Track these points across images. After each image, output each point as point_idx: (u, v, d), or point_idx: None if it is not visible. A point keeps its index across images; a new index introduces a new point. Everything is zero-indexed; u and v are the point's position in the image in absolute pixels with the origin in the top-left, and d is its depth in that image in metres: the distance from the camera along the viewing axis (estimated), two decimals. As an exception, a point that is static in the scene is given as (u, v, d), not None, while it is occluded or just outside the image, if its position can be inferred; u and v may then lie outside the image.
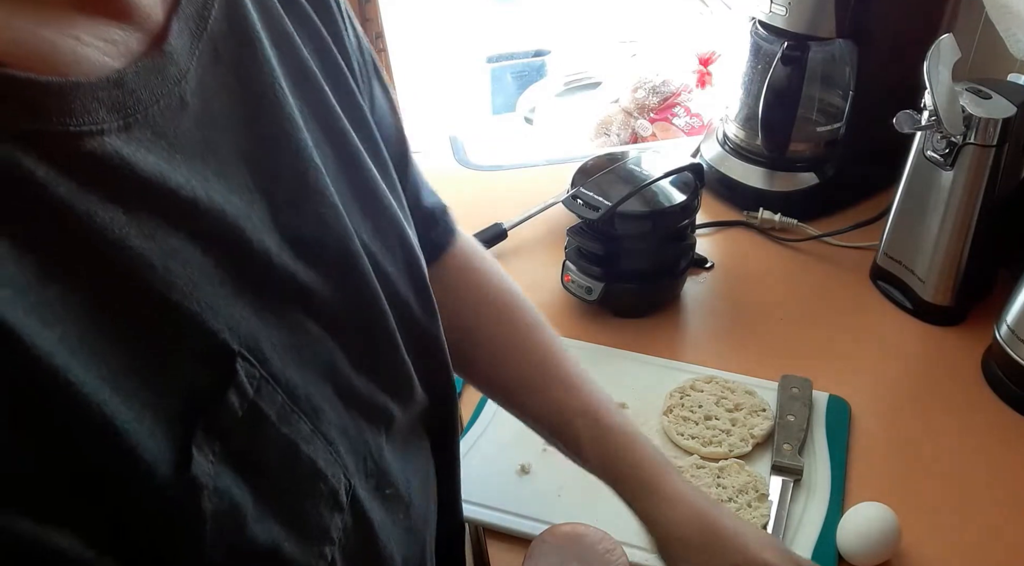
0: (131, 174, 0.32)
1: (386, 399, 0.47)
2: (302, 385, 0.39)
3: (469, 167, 1.25)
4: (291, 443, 0.37)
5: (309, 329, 0.40)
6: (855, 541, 0.70)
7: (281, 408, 0.37)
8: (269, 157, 0.39)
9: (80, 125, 0.31)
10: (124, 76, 0.33)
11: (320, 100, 0.44)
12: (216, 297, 0.35)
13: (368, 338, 0.45)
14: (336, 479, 0.40)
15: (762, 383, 0.87)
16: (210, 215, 0.35)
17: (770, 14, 1.02)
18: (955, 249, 0.91)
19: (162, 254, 0.33)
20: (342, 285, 0.43)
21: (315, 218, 0.41)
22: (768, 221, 1.10)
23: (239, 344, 0.35)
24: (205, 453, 0.33)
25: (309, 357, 0.40)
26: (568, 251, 0.97)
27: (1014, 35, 0.90)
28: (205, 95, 0.36)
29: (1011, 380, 0.85)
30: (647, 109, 1.35)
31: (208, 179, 0.36)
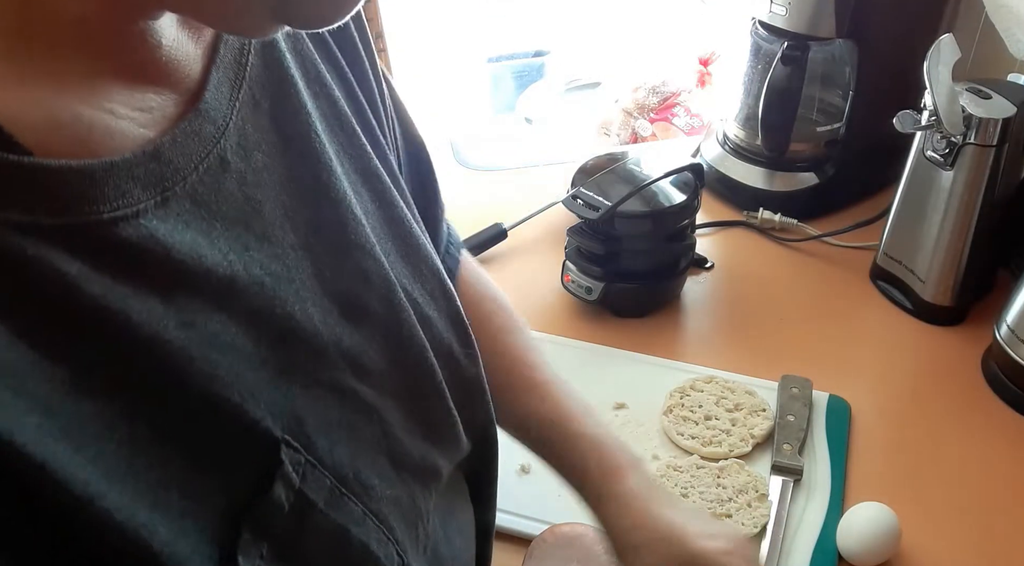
0: (167, 257, 0.31)
1: (436, 456, 0.45)
2: (351, 462, 0.37)
3: (469, 167, 1.25)
4: (341, 528, 0.36)
5: (360, 396, 0.39)
6: (855, 541, 0.70)
7: (330, 492, 0.35)
8: (310, 209, 0.38)
9: (114, 210, 0.29)
10: (160, 147, 0.31)
11: (354, 142, 0.42)
12: (258, 382, 0.33)
13: (418, 394, 0.43)
14: (389, 559, 0.38)
15: (762, 383, 0.86)
16: (249, 291, 0.34)
17: (770, 14, 1.02)
18: (955, 249, 0.91)
19: (202, 343, 0.31)
20: (389, 341, 0.41)
21: (358, 273, 0.40)
22: (768, 221, 1.10)
23: (283, 430, 0.34)
24: (252, 558, 0.31)
25: (360, 428, 0.38)
26: (568, 251, 0.97)
27: (1014, 35, 0.90)
28: (247, 148, 0.35)
29: (1011, 380, 0.85)
30: (647, 109, 1.35)
31: (249, 246, 0.34)
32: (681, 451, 0.80)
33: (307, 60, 0.40)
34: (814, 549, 0.72)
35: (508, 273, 1.04)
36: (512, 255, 1.07)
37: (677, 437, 0.81)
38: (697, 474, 0.77)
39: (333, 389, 0.37)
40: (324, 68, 0.42)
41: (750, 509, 0.73)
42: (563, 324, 0.96)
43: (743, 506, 0.74)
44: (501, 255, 1.06)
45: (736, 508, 0.73)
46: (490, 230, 1.06)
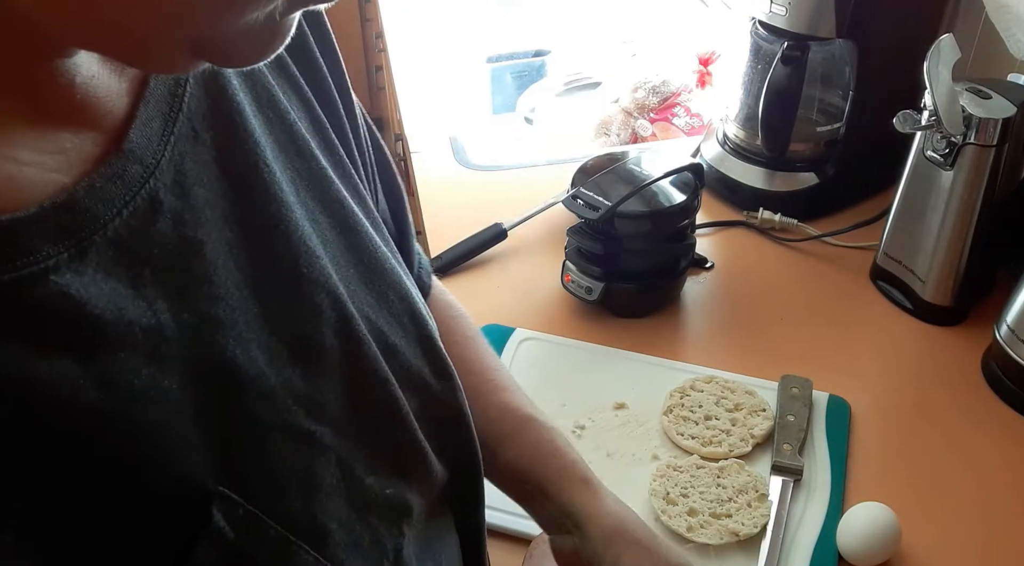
0: (82, 314, 0.28)
1: (404, 490, 0.43)
2: (304, 509, 0.35)
3: (469, 167, 1.25)
4: None
5: (316, 438, 0.37)
6: (855, 541, 0.70)
7: (275, 543, 0.34)
8: (257, 245, 0.36)
9: (19, 269, 0.26)
10: (75, 196, 0.28)
11: (312, 168, 0.40)
12: (190, 437, 0.31)
13: (381, 430, 0.41)
14: None
15: (762, 383, 0.86)
16: (181, 341, 0.31)
17: (770, 14, 1.02)
18: (955, 249, 0.91)
19: (125, 402, 0.29)
20: (347, 378, 0.39)
21: (311, 309, 0.38)
22: (768, 221, 1.10)
23: (217, 482, 0.32)
24: None
25: (316, 473, 0.37)
26: (568, 251, 0.97)
27: (1014, 35, 0.90)
28: (184, 185, 0.33)
29: (1011, 380, 0.85)
30: (647, 109, 1.35)
31: (186, 291, 0.32)
32: (681, 451, 0.80)
33: (258, 84, 0.39)
34: (814, 549, 0.72)
35: (508, 273, 1.04)
36: (512, 255, 1.07)
37: (677, 437, 0.81)
38: (697, 474, 0.77)
39: (284, 434, 0.35)
40: (278, 91, 0.40)
41: (750, 509, 0.73)
42: (563, 324, 0.96)
43: (743, 506, 0.74)
44: (501, 255, 1.06)
45: (736, 508, 0.73)
46: (490, 230, 1.06)
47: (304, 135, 0.40)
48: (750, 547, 0.71)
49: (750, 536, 0.71)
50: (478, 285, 1.02)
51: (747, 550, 0.71)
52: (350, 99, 0.47)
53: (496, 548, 0.73)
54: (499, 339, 0.92)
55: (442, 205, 1.17)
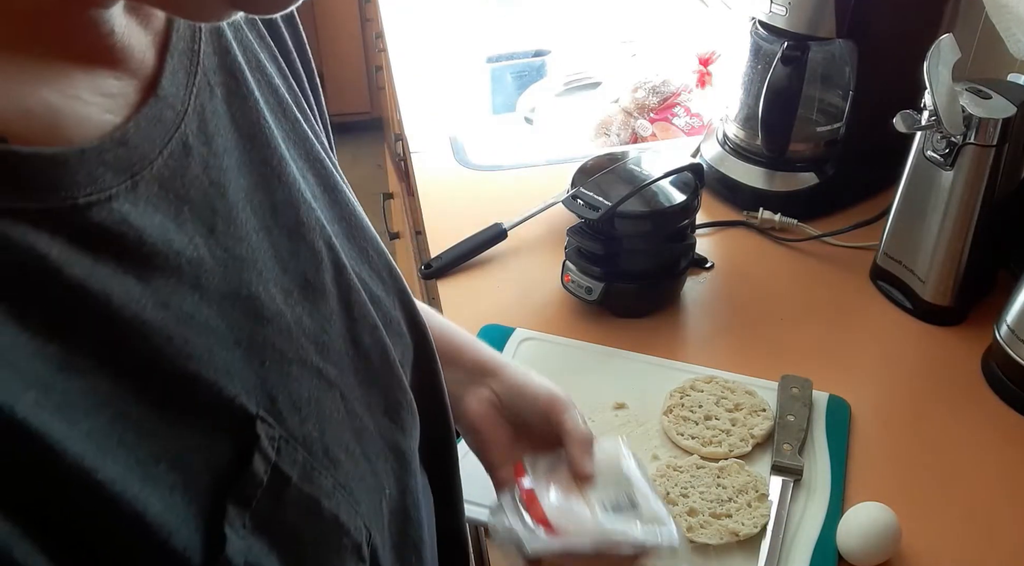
0: (140, 240, 0.31)
1: (395, 433, 0.46)
2: (320, 438, 0.38)
3: (469, 167, 1.25)
4: (313, 500, 0.36)
5: (324, 374, 0.40)
6: (855, 541, 0.70)
7: (302, 466, 0.36)
8: (265, 193, 0.39)
9: (88, 195, 0.30)
10: (127, 133, 0.32)
11: (297, 130, 0.43)
12: (232, 361, 0.34)
13: (375, 372, 0.44)
14: (358, 531, 0.39)
15: (762, 383, 0.86)
16: (217, 274, 0.34)
17: (770, 14, 1.02)
18: (955, 249, 0.91)
19: (178, 323, 0.32)
20: (345, 320, 0.42)
21: (312, 254, 0.41)
22: (768, 221, 1.10)
23: (257, 406, 0.35)
24: (236, 529, 0.32)
25: (326, 405, 0.39)
26: (568, 251, 0.97)
27: (1014, 35, 0.90)
28: (207, 133, 0.36)
29: (1011, 380, 0.85)
30: (647, 109, 1.35)
31: (215, 229, 0.35)
32: (681, 451, 0.80)
33: (248, 50, 0.41)
34: (814, 549, 0.72)
35: (508, 273, 1.04)
36: (512, 255, 1.07)
37: (677, 437, 0.81)
38: (697, 474, 0.77)
39: (301, 367, 0.38)
40: (263, 57, 0.43)
41: (750, 509, 0.73)
42: (563, 324, 0.96)
43: (743, 506, 0.74)
44: (501, 255, 1.06)
45: (736, 508, 0.73)
46: (490, 230, 1.06)
47: (287, 98, 0.44)
48: (750, 547, 0.71)
49: (750, 536, 0.71)
50: (478, 285, 1.02)
51: (747, 550, 0.71)
52: (312, 69, 0.51)
53: (497, 548, 0.73)
54: (499, 339, 0.92)
55: (442, 205, 1.17)
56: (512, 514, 0.60)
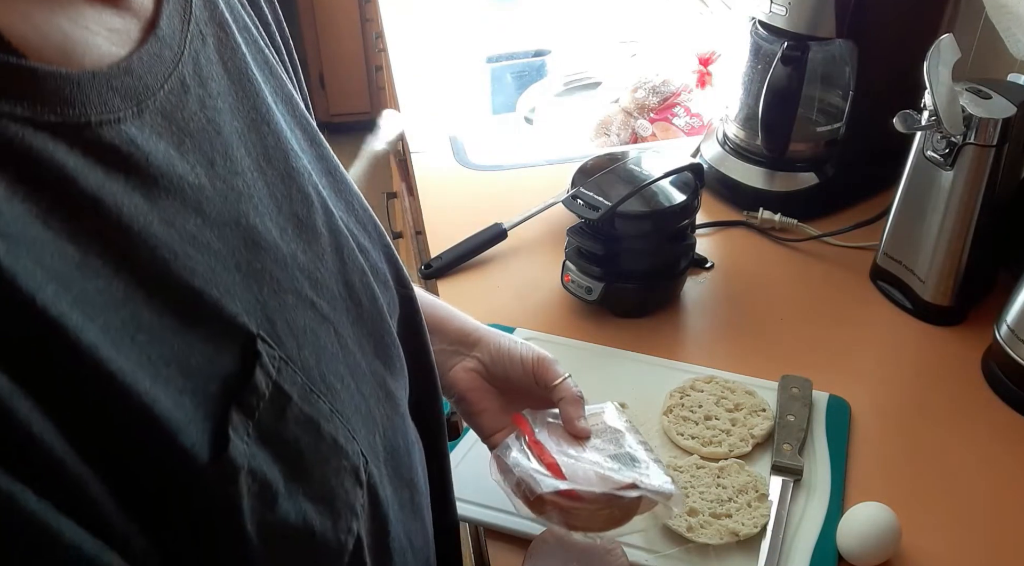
0: (147, 162, 0.33)
1: (386, 376, 0.48)
2: (316, 365, 0.40)
3: (469, 167, 1.25)
4: (313, 421, 0.38)
5: (318, 308, 0.42)
6: (855, 541, 0.70)
7: (301, 388, 0.38)
8: (258, 137, 0.41)
9: (100, 114, 0.32)
10: (132, 63, 0.34)
11: (282, 85, 0.46)
12: (232, 283, 0.36)
13: (366, 316, 0.46)
14: (355, 455, 0.41)
15: (762, 383, 0.86)
16: (217, 201, 0.36)
17: (770, 14, 1.02)
18: (955, 249, 0.91)
19: (182, 241, 0.34)
20: (336, 261, 0.44)
21: (304, 197, 0.43)
22: (768, 221, 1.10)
23: (257, 327, 0.37)
24: (240, 435, 0.34)
25: (320, 337, 0.41)
26: (568, 251, 0.97)
27: (1014, 35, 0.90)
28: (201, 77, 0.38)
29: (1011, 380, 0.85)
30: (647, 109, 1.34)
31: (215, 162, 0.37)
32: (681, 451, 0.80)
33: (234, 10, 0.44)
34: (814, 549, 0.72)
35: (508, 273, 1.04)
36: (512, 255, 1.07)
37: (677, 437, 0.81)
38: (697, 474, 0.76)
39: (296, 298, 0.40)
40: (245, 17, 0.45)
41: (750, 509, 0.73)
42: (563, 324, 0.96)
43: (743, 506, 0.74)
44: (501, 255, 1.06)
45: (736, 508, 0.73)
46: (490, 230, 1.06)
47: (272, 59, 0.46)
48: (750, 547, 0.71)
49: (750, 536, 0.71)
50: (478, 285, 1.02)
51: (747, 550, 0.71)
52: (290, 45, 0.53)
53: (496, 548, 0.73)
54: (499, 339, 0.92)
55: (442, 205, 1.17)
56: (520, 454, 0.63)
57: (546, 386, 0.67)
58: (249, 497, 0.34)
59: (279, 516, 0.35)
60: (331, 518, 0.38)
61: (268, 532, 0.35)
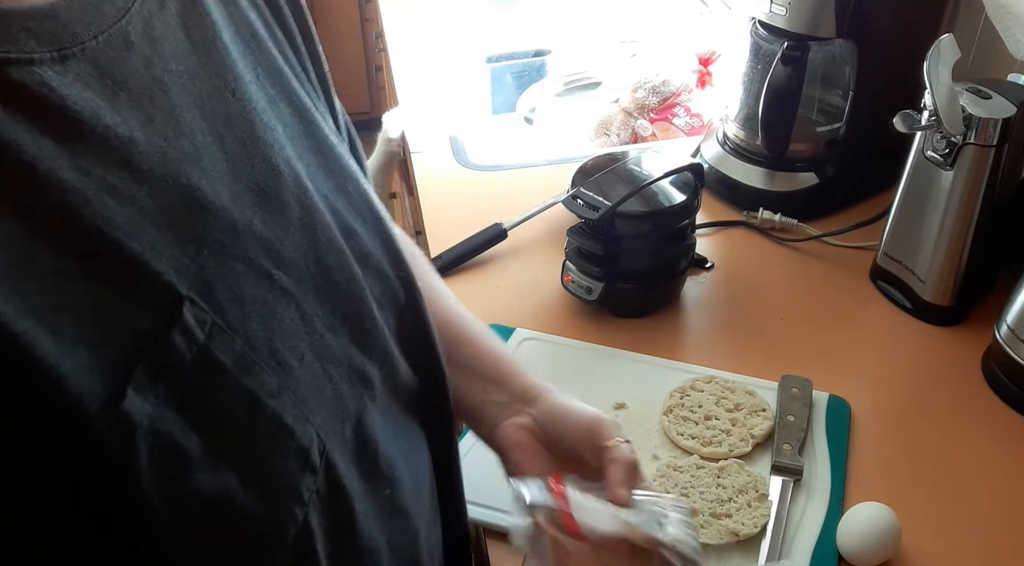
0: (63, 107, 0.32)
1: (364, 362, 0.45)
2: (267, 338, 0.38)
3: (469, 167, 1.25)
4: (252, 394, 0.37)
5: (276, 281, 0.40)
6: (855, 541, 0.70)
7: (240, 358, 0.36)
8: (219, 105, 0.40)
9: (6, 52, 0.31)
10: (56, 8, 0.33)
11: (271, 60, 0.45)
12: (161, 239, 0.35)
13: (342, 296, 0.44)
14: (307, 437, 0.39)
15: (762, 383, 0.86)
16: (151, 156, 0.35)
17: (770, 14, 1.02)
18: (955, 249, 0.91)
19: (99, 190, 0.33)
20: (306, 238, 0.42)
21: (269, 168, 0.41)
22: (768, 221, 1.10)
23: (188, 288, 0.35)
24: (144, 393, 0.32)
25: (278, 311, 0.39)
26: (568, 251, 0.97)
27: (1014, 35, 0.90)
28: (152, 36, 0.37)
29: (1011, 380, 0.85)
30: (647, 109, 1.34)
31: (154, 120, 0.36)
32: (681, 451, 0.80)
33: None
34: (814, 549, 0.72)
35: (508, 273, 1.04)
36: (512, 255, 1.07)
37: (677, 437, 0.81)
38: (697, 474, 0.77)
39: (247, 266, 0.38)
40: (244, 3, 0.44)
41: (750, 509, 0.73)
42: (563, 324, 0.96)
43: (743, 506, 0.74)
44: (501, 255, 1.06)
45: (736, 508, 0.73)
46: (490, 230, 1.06)
47: (262, 35, 0.45)
48: (750, 547, 0.71)
49: (750, 536, 0.71)
50: (478, 285, 1.02)
51: (747, 550, 0.71)
52: (310, 33, 0.53)
53: (496, 548, 0.73)
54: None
55: (442, 205, 1.17)
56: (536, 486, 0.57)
57: (600, 448, 0.60)
58: (150, 459, 0.32)
59: (192, 486, 0.34)
60: (264, 497, 0.36)
61: (179, 503, 0.33)
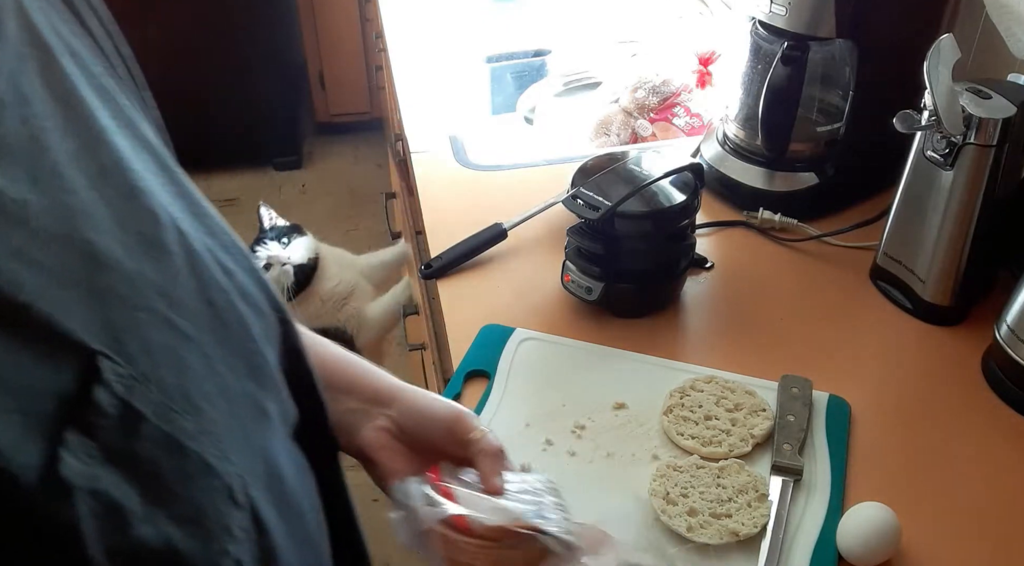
0: None
1: (263, 398, 0.46)
2: (179, 384, 0.38)
3: (469, 167, 1.25)
4: (174, 439, 0.37)
5: (178, 326, 0.40)
6: (855, 541, 0.70)
7: (158, 406, 0.36)
8: (92, 157, 0.39)
9: None
10: None
11: (119, 111, 0.44)
12: (68, 298, 0.34)
13: (233, 336, 0.45)
14: (228, 475, 0.39)
15: (762, 383, 0.86)
16: (47, 216, 0.35)
17: (770, 14, 1.02)
18: (955, 249, 0.91)
19: (7, 255, 0.32)
20: (193, 280, 0.43)
21: (150, 215, 0.41)
22: (768, 221, 1.10)
23: (100, 344, 0.35)
24: (76, 454, 0.32)
25: (184, 356, 0.40)
26: (568, 251, 0.97)
27: (1014, 35, 0.90)
28: (22, 94, 0.37)
29: (1011, 380, 0.85)
30: (647, 109, 1.34)
31: (39, 179, 0.35)
32: (681, 451, 0.80)
33: (61, 36, 0.42)
34: (814, 549, 0.72)
35: (508, 273, 1.04)
36: (512, 255, 1.07)
37: (677, 437, 0.81)
38: (697, 474, 0.77)
39: (150, 315, 0.39)
40: (78, 46, 0.44)
41: (750, 509, 0.73)
42: (563, 324, 0.96)
43: (743, 506, 0.74)
44: (501, 255, 1.06)
45: (736, 508, 0.73)
46: (490, 230, 1.06)
47: (111, 85, 0.44)
48: (750, 547, 0.71)
49: (750, 536, 0.71)
50: (478, 285, 1.02)
51: (747, 550, 0.71)
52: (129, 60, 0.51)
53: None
54: (499, 339, 0.92)
55: (442, 205, 1.17)
56: (418, 488, 0.59)
57: (465, 440, 0.62)
58: (93, 520, 0.32)
59: (135, 539, 0.33)
60: (201, 540, 0.36)
61: (123, 558, 0.33)
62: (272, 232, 1.53)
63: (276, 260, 1.48)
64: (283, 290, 1.49)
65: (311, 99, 3.17)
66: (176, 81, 2.89)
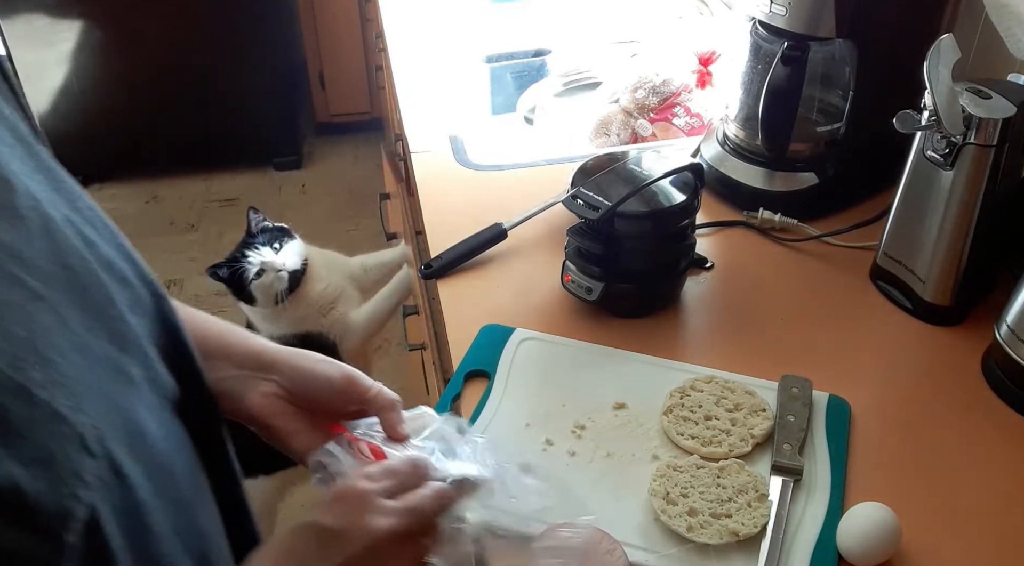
0: None
1: (125, 362, 0.47)
2: (28, 338, 0.40)
3: (469, 167, 1.25)
4: (22, 387, 0.38)
5: (27, 285, 0.42)
6: (855, 541, 0.70)
7: (7, 356, 0.38)
8: None
9: None
10: None
11: None
12: None
13: (90, 299, 0.46)
14: (80, 424, 0.40)
15: (762, 383, 0.86)
16: None
17: (770, 14, 1.02)
18: (955, 249, 0.91)
19: None
20: (48, 245, 0.44)
21: (3, 183, 0.43)
22: (768, 221, 1.10)
23: None
24: None
25: (34, 313, 0.41)
26: (568, 251, 0.97)
27: (1014, 35, 0.90)
28: None
29: (1011, 380, 0.85)
30: (647, 109, 1.34)
31: None
32: (681, 451, 0.80)
33: None
34: (814, 549, 0.72)
35: (508, 273, 1.04)
36: (512, 255, 1.07)
37: (677, 437, 0.81)
38: (697, 474, 0.77)
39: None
40: None
41: (750, 509, 0.73)
42: (563, 324, 0.96)
43: (743, 506, 0.74)
44: (501, 255, 1.06)
45: (736, 508, 0.73)
46: (490, 230, 1.06)
47: None
48: (750, 547, 0.71)
49: (750, 536, 0.71)
50: (478, 285, 1.02)
51: (747, 550, 0.71)
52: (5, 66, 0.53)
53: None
54: (499, 339, 0.92)
55: (442, 205, 1.17)
56: (340, 451, 0.61)
57: (361, 400, 0.64)
58: None
59: None
60: (48, 482, 0.38)
61: None
62: (262, 236, 1.52)
63: (271, 267, 1.47)
64: (275, 295, 1.48)
65: (311, 99, 3.17)
66: (176, 81, 2.89)
